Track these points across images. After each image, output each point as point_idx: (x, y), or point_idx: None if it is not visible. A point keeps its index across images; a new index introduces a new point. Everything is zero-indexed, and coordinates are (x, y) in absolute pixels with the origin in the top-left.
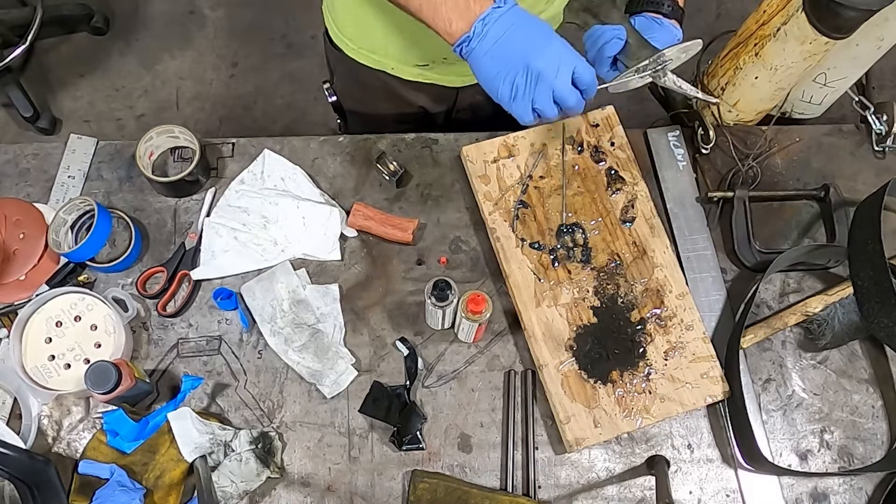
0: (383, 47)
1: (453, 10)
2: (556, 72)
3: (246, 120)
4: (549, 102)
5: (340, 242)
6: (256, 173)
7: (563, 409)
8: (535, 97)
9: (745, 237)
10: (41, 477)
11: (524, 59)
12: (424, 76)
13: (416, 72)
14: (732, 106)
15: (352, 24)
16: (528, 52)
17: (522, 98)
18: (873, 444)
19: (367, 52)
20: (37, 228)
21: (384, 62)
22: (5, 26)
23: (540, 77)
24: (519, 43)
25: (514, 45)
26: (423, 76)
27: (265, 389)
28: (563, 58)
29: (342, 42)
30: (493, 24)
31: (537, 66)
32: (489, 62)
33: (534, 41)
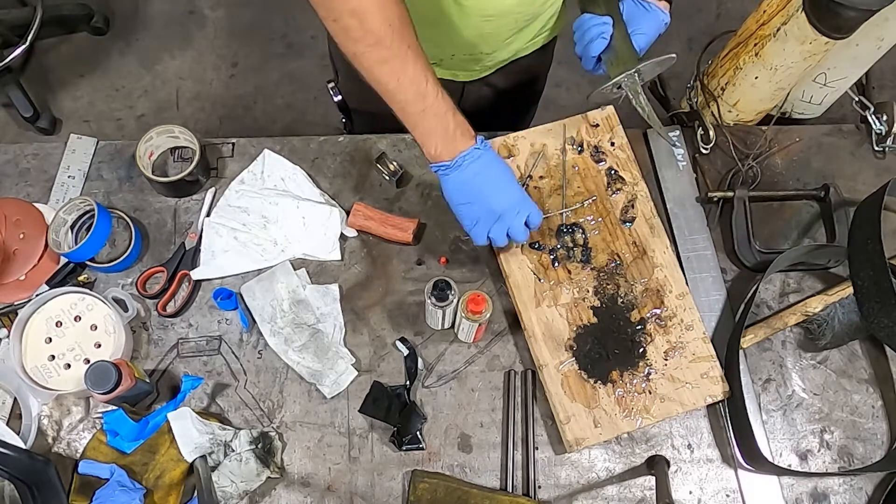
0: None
1: (442, 140)
2: (513, 215)
3: (246, 120)
4: (503, 236)
5: (340, 242)
6: (256, 173)
7: (563, 409)
8: (492, 230)
9: (745, 237)
10: (41, 477)
11: (489, 200)
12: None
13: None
14: (732, 106)
15: None
16: (493, 194)
17: (481, 227)
18: (873, 444)
19: None
20: (37, 228)
21: None
22: (5, 26)
23: (500, 218)
24: (488, 184)
25: (483, 185)
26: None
27: (265, 389)
28: (521, 205)
29: None
30: (471, 162)
31: (499, 209)
32: (460, 190)
33: (499, 186)
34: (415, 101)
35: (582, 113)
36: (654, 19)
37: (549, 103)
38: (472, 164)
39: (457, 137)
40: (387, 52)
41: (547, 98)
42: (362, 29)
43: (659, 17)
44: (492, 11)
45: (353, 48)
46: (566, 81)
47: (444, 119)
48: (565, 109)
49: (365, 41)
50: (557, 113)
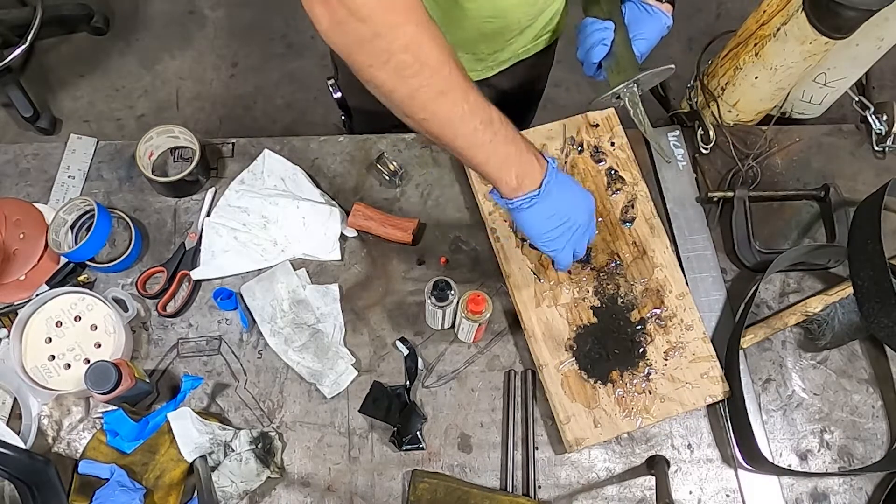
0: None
1: (520, 167)
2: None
3: (246, 120)
4: (583, 251)
5: (340, 242)
6: (256, 173)
7: (563, 409)
8: (577, 245)
9: (745, 237)
10: (41, 477)
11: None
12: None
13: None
14: (732, 106)
15: None
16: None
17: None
18: (873, 444)
19: None
20: (37, 228)
21: None
22: (5, 26)
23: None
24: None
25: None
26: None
27: (265, 389)
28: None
29: None
30: (552, 185)
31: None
32: (552, 216)
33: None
34: (484, 130)
35: (582, 113)
36: (657, 23)
37: (549, 103)
38: (553, 184)
39: (533, 161)
40: (445, 81)
41: (547, 98)
42: (418, 62)
43: (661, 21)
44: (493, 12)
45: (409, 87)
46: (566, 81)
47: (516, 142)
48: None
49: (422, 75)
50: (557, 113)
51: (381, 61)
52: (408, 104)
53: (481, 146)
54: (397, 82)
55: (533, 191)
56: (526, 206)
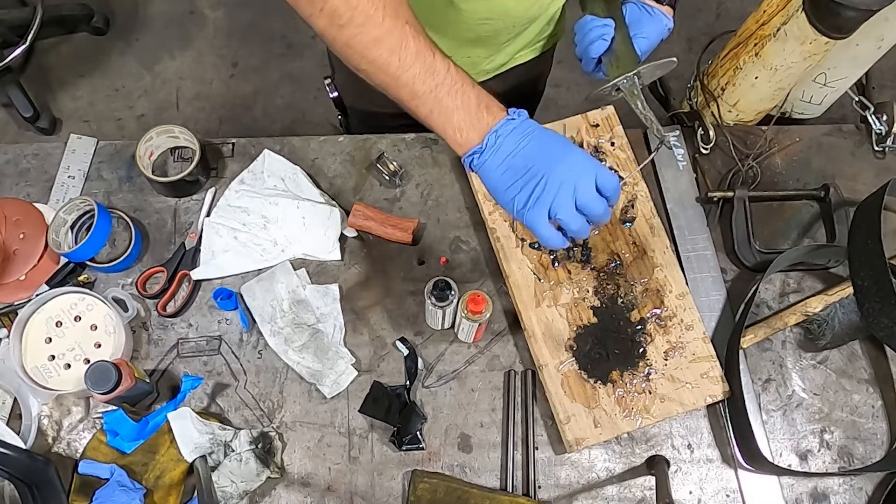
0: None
1: (465, 119)
2: (577, 179)
3: (246, 120)
4: (572, 210)
5: (340, 242)
6: (256, 173)
7: (563, 409)
8: (555, 205)
9: (745, 237)
10: (41, 477)
11: (543, 169)
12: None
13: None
14: (732, 106)
15: None
16: (546, 162)
17: (537, 205)
18: (873, 444)
19: None
20: (37, 228)
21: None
22: (5, 26)
23: (561, 186)
24: (535, 154)
25: (530, 157)
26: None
27: (265, 389)
28: (585, 166)
29: None
30: (507, 137)
31: (557, 176)
32: (503, 174)
33: (551, 152)
34: (423, 79)
35: (582, 113)
36: (657, 24)
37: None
38: (508, 136)
39: (483, 113)
40: (379, 29)
41: (547, 98)
42: (349, 9)
43: (662, 22)
44: (488, 14)
45: (344, 36)
46: (566, 81)
47: (463, 93)
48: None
49: (354, 22)
50: (557, 113)
51: (317, 9)
52: (347, 53)
53: (423, 97)
54: (334, 31)
55: (477, 145)
56: (476, 163)
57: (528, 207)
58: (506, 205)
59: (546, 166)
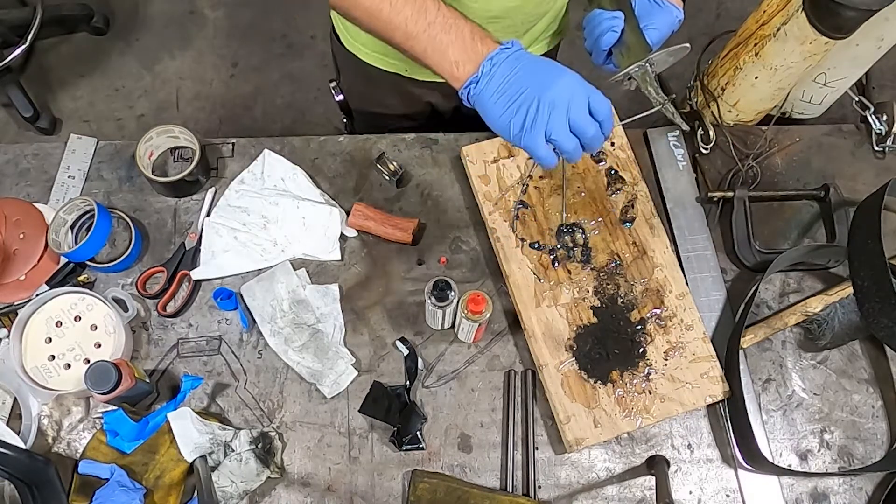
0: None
1: (460, 52)
2: (570, 100)
3: (246, 120)
4: (566, 131)
5: (340, 242)
6: (256, 173)
7: (563, 409)
8: (549, 128)
9: (745, 237)
10: (41, 477)
11: (536, 92)
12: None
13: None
14: (732, 106)
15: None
16: (540, 85)
17: (536, 129)
18: (873, 444)
19: (380, 56)
20: (37, 228)
21: (398, 65)
22: (5, 26)
23: (554, 106)
24: (529, 79)
25: (524, 82)
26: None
27: (265, 389)
28: (577, 88)
29: (355, 48)
30: (502, 64)
31: (550, 97)
32: (498, 101)
33: (545, 75)
34: (415, 20)
35: None
36: (668, 15)
37: None
38: (502, 66)
39: (477, 44)
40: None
41: None
42: None
43: (672, 14)
44: (496, 12)
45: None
46: None
47: (457, 28)
48: None
49: None
50: None
51: None
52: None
53: (417, 37)
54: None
55: (473, 75)
56: (472, 93)
57: (525, 131)
58: (503, 131)
59: (539, 89)
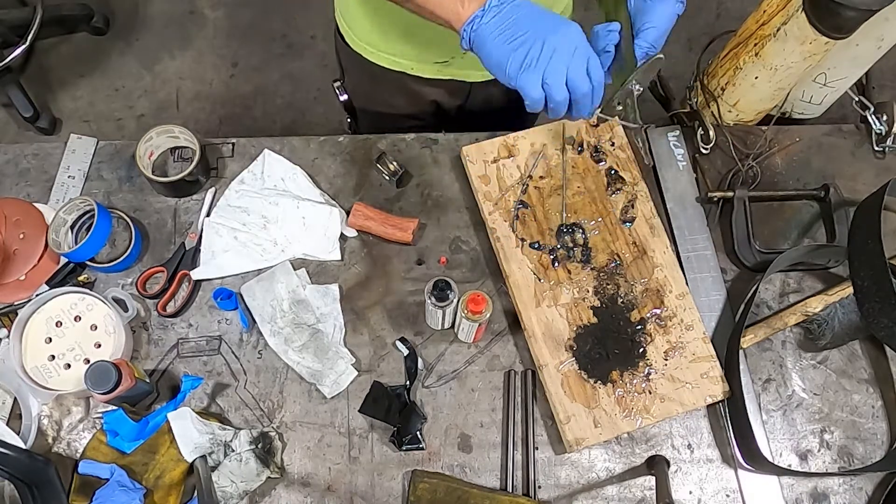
0: (402, 50)
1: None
2: (573, 51)
3: (246, 120)
4: (561, 81)
5: (340, 242)
6: (256, 173)
7: (563, 409)
8: (547, 71)
9: (745, 237)
10: (41, 477)
11: (541, 34)
12: (443, 72)
13: (434, 69)
14: (732, 106)
15: (370, 30)
16: (546, 28)
17: (534, 69)
18: (873, 444)
19: (386, 54)
20: (37, 228)
21: (403, 63)
22: (5, 26)
23: (556, 52)
24: (536, 20)
25: (530, 23)
26: (441, 73)
27: (265, 389)
28: (580, 41)
29: (360, 47)
30: (509, 3)
31: (554, 42)
32: (499, 36)
33: (552, 21)
34: None
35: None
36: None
37: None
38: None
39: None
40: None
41: None
42: None
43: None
44: None
45: None
46: None
47: None
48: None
49: None
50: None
51: None
52: None
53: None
54: None
55: (478, 10)
56: (476, 27)
57: (524, 69)
58: (499, 68)
59: (545, 32)
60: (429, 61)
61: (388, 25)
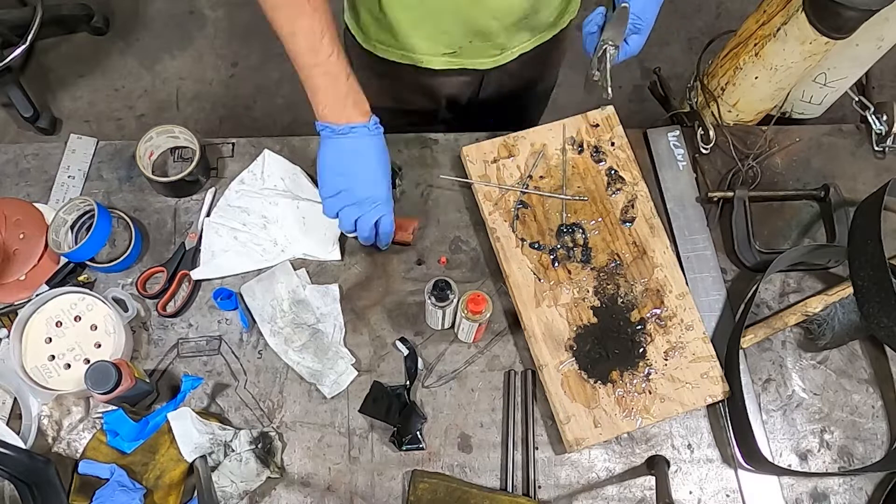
0: (412, 43)
1: (332, 101)
2: (369, 207)
3: (246, 120)
4: (351, 220)
5: (340, 243)
6: (256, 173)
7: (563, 409)
8: (343, 210)
9: (745, 237)
10: (41, 477)
11: (358, 180)
12: (453, 63)
13: (444, 60)
14: (732, 106)
15: (379, 28)
16: (364, 178)
17: (335, 201)
18: (873, 444)
19: (396, 49)
20: (37, 228)
21: (413, 56)
22: (5, 26)
23: (358, 204)
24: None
25: (360, 164)
26: (451, 63)
27: (265, 389)
28: (380, 201)
29: (370, 44)
30: (359, 138)
31: (361, 194)
32: (338, 160)
33: (373, 173)
34: (306, 55)
35: (582, 113)
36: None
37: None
38: (358, 139)
39: (348, 105)
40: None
41: None
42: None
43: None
44: None
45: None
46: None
47: (337, 82)
48: (565, 109)
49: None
50: (557, 113)
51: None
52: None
53: (303, 68)
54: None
55: (333, 124)
56: (324, 135)
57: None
58: (319, 177)
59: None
60: (438, 52)
61: (395, 21)
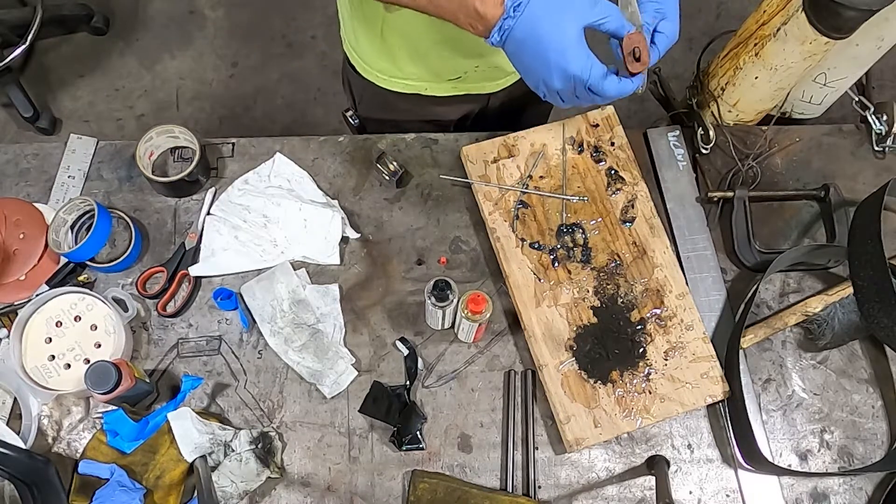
0: (415, 72)
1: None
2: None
3: (246, 120)
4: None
5: (341, 244)
6: (263, 176)
7: (563, 409)
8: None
9: (745, 237)
10: (41, 477)
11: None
12: (458, 88)
13: (449, 86)
14: (732, 106)
15: (381, 57)
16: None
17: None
18: (873, 444)
19: (399, 79)
20: (37, 228)
21: (418, 85)
22: (5, 26)
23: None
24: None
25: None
26: (456, 88)
27: (265, 389)
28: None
29: (372, 75)
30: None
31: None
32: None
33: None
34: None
35: (582, 113)
36: None
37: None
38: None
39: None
40: None
41: None
42: None
43: None
44: None
45: None
46: None
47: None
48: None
49: None
50: (557, 113)
51: None
52: None
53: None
54: None
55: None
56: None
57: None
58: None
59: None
60: (442, 79)
61: (396, 49)
